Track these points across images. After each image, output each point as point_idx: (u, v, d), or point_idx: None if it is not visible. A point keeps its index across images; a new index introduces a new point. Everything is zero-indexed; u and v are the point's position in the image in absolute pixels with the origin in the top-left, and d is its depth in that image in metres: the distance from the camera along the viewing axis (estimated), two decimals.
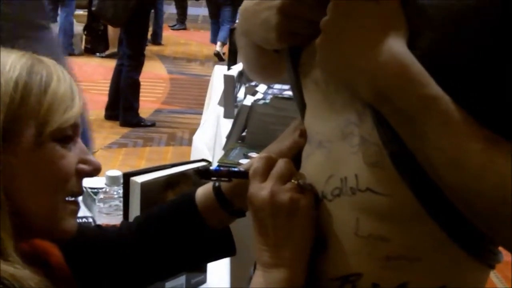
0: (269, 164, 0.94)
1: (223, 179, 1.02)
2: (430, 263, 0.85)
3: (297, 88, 0.99)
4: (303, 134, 0.99)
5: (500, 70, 0.75)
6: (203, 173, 1.02)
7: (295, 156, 1.00)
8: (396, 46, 0.78)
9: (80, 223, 0.99)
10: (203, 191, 1.08)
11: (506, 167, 0.73)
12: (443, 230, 0.84)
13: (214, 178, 1.02)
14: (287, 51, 1.00)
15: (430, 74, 0.77)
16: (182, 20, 11.10)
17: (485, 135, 0.75)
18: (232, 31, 3.48)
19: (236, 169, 1.01)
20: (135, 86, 5.95)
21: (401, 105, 0.77)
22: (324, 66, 0.87)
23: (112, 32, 8.42)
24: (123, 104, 5.95)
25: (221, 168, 1.02)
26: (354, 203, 0.87)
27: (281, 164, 0.93)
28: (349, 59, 0.81)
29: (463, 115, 0.75)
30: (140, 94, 6.05)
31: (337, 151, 0.90)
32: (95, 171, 0.96)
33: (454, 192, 0.78)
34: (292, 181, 0.92)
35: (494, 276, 3.50)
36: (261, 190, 0.91)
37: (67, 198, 0.94)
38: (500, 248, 0.87)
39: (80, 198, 0.99)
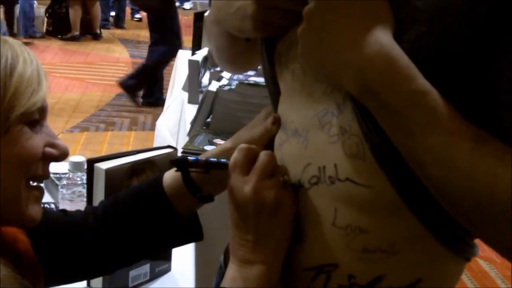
0: (250, 155, 0.91)
1: (200, 170, 0.98)
2: (407, 256, 0.85)
3: (271, 77, 0.97)
4: (276, 122, 0.97)
5: (488, 64, 0.74)
6: (180, 164, 0.98)
7: (266, 144, 0.99)
8: (384, 38, 0.75)
9: (44, 208, 0.96)
10: (171, 176, 1.06)
11: (494, 166, 0.72)
12: (422, 223, 0.83)
13: (192, 169, 0.99)
14: (261, 39, 0.98)
15: (418, 68, 0.74)
16: None
17: (474, 133, 0.73)
18: (197, 16, 3.43)
19: (214, 160, 0.97)
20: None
21: (388, 100, 0.75)
22: (306, 58, 0.83)
23: (74, 15, 8.33)
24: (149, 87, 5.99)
25: (199, 158, 0.98)
26: (332, 192, 0.86)
27: (264, 158, 0.91)
28: (334, 51, 0.78)
29: (451, 111, 0.74)
30: (102, 78, 5.99)
31: (315, 140, 0.88)
32: (62, 156, 0.94)
33: (440, 190, 0.76)
34: (277, 177, 0.89)
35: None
36: (244, 185, 0.89)
37: (30, 183, 0.91)
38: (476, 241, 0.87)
39: (42, 184, 0.96)
